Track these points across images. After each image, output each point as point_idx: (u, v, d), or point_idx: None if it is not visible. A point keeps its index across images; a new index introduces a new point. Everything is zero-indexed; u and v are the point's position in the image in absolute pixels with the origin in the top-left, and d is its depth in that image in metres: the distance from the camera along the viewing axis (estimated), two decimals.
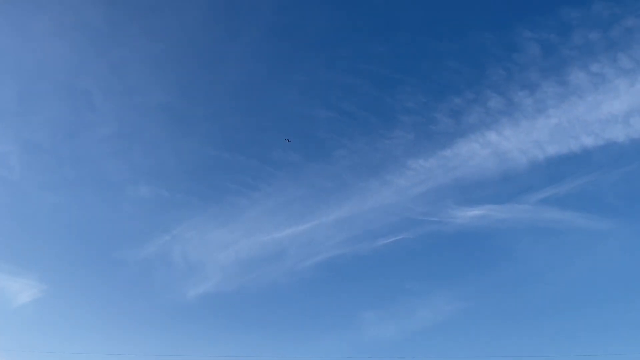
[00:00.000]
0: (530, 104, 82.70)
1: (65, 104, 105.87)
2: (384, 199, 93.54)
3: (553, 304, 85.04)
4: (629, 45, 67.56)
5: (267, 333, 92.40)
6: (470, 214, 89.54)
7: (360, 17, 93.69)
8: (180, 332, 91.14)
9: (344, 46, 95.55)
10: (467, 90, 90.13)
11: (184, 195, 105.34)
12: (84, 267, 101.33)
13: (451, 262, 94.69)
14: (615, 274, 77.85)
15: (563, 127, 79.59)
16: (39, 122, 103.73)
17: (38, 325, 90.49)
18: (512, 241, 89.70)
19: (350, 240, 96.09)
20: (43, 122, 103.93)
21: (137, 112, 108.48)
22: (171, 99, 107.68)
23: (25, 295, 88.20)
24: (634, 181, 75.14)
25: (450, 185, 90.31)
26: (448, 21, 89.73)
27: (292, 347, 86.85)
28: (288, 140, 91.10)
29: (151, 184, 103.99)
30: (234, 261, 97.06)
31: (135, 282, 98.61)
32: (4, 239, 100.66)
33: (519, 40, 78.88)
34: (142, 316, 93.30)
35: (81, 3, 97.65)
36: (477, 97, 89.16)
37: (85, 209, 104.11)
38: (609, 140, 78.43)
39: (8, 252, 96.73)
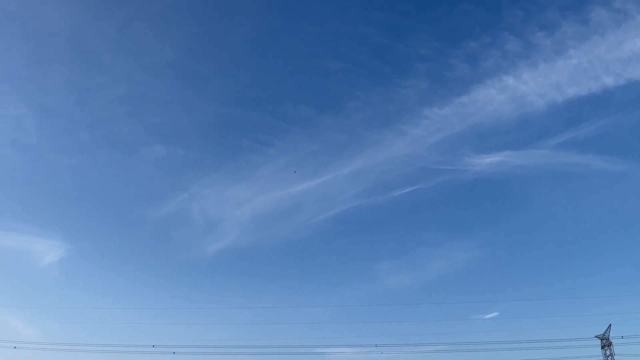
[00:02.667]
0: (549, 45, 79.94)
1: (75, 66, 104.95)
2: (399, 149, 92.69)
3: (571, 248, 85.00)
4: None
5: (286, 285, 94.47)
6: (487, 161, 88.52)
7: None
8: (200, 286, 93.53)
9: None
10: (483, 33, 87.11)
11: (198, 154, 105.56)
12: (105, 226, 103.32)
13: (467, 211, 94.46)
14: (636, 216, 76.99)
15: (583, 68, 77.19)
16: (50, 85, 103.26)
17: (64, 283, 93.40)
18: (530, 187, 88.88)
19: (365, 193, 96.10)
20: (55, 85, 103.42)
21: (147, 71, 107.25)
22: (181, 57, 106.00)
23: (51, 255, 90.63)
24: None
25: (466, 132, 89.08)
26: None
27: (309, 298, 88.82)
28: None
29: (165, 143, 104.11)
30: (251, 217, 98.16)
31: (155, 239, 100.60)
32: (27, 203, 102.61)
33: None
34: (163, 272, 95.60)
35: None
36: (493, 40, 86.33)
37: (102, 170, 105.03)
38: (630, 80, 75.79)
39: (32, 214, 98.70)
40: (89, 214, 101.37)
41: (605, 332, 57.60)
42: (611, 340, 56.84)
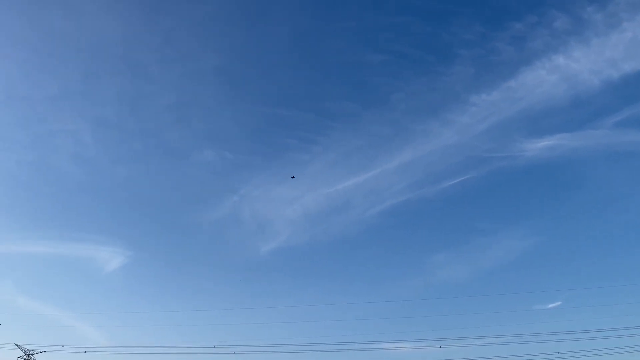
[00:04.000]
0: (600, 20, 75.97)
1: (125, 79, 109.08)
2: (447, 139, 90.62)
3: (636, 231, 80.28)
4: None
5: (339, 282, 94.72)
6: (539, 146, 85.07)
7: None
8: (256, 286, 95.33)
9: None
10: (529, 13, 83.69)
11: (246, 156, 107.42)
12: (162, 231, 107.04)
13: (522, 198, 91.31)
14: None
15: (639, 41, 72.53)
16: (103, 98, 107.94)
17: (127, 288, 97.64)
18: (587, 169, 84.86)
19: (415, 185, 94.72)
20: (107, 98, 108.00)
21: (192, 78, 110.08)
22: (223, 62, 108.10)
23: (114, 262, 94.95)
24: None
25: (516, 117, 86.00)
26: None
27: (364, 294, 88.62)
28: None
29: (214, 148, 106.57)
30: (301, 215, 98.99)
31: (210, 242, 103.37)
32: (89, 213, 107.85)
33: None
34: (219, 273, 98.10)
35: None
36: (540, 19, 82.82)
37: (156, 177, 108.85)
38: None
39: (94, 224, 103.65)
40: (146, 221, 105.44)
41: None
42: None
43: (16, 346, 63.61)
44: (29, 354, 63.98)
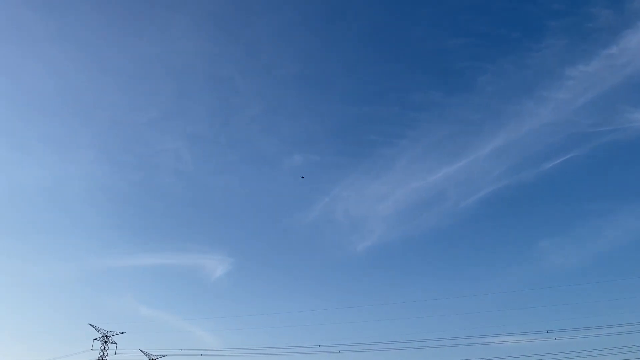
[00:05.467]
0: None
1: (214, 94, 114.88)
2: (543, 118, 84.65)
3: None
4: None
5: (439, 276, 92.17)
6: None
7: None
8: (355, 284, 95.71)
9: None
10: None
11: (333, 157, 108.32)
12: (260, 236, 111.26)
13: (636, 173, 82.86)
14: None
15: None
16: (197, 115, 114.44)
17: (233, 293, 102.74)
18: None
19: (512, 170, 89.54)
20: (200, 115, 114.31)
21: (276, 87, 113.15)
22: (304, 67, 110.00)
23: (219, 269, 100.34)
24: None
25: (621, 86, 78.29)
26: None
27: (466, 286, 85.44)
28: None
29: (302, 152, 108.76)
30: (394, 211, 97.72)
31: (306, 244, 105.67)
32: (193, 224, 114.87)
33: None
34: (319, 274, 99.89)
35: None
36: None
37: (250, 185, 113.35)
38: None
39: (199, 234, 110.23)
40: (245, 228, 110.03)
41: None
42: None
43: (141, 352, 69.52)
44: (152, 359, 69.56)
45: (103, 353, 66.03)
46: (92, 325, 67.06)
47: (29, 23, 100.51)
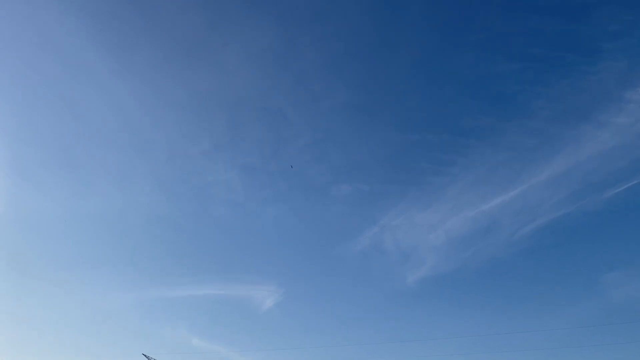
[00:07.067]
0: None
1: (265, 125, 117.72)
2: (603, 143, 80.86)
3: None
4: None
5: (496, 310, 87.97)
6: None
7: None
8: (407, 317, 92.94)
9: None
10: None
11: (382, 185, 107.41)
12: (310, 267, 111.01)
13: None
14: None
15: None
16: (248, 146, 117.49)
17: (283, 325, 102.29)
18: None
19: (572, 197, 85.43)
20: (252, 145, 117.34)
21: (325, 115, 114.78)
22: (353, 95, 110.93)
23: (269, 300, 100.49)
24: None
25: None
26: None
27: (525, 322, 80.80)
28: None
29: (350, 181, 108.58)
30: (446, 241, 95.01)
31: (356, 275, 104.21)
32: (244, 254, 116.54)
33: None
34: (368, 305, 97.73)
35: (257, 29, 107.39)
36: None
37: (300, 215, 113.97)
38: None
39: (249, 264, 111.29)
40: (294, 258, 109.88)
41: None
42: None
43: None
44: None
45: None
46: (145, 355, 68.34)
47: (95, 61, 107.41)
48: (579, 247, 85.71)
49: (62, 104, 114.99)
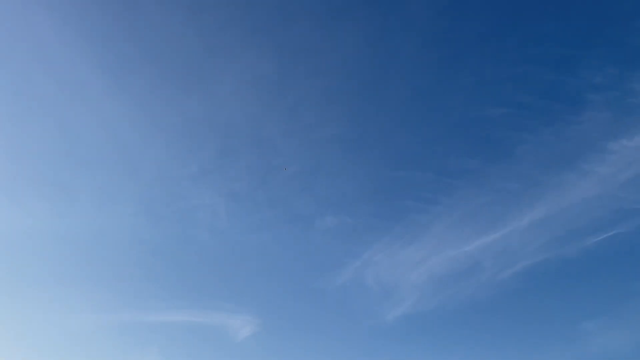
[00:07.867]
0: None
1: (254, 153, 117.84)
2: (585, 191, 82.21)
3: None
4: None
5: (474, 351, 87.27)
6: None
7: None
8: (383, 354, 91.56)
9: (509, 35, 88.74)
10: None
11: (366, 219, 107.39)
12: (289, 298, 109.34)
13: None
14: None
15: None
16: (236, 173, 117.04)
17: (259, 357, 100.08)
18: None
19: (553, 243, 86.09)
20: (239, 173, 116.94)
21: (314, 147, 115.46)
22: (343, 129, 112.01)
23: (245, 330, 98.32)
24: None
25: None
26: None
27: None
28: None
29: (335, 214, 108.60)
30: (427, 279, 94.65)
31: (335, 308, 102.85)
32: (222, 282, 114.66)
33: None
34: (346, 340, 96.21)
35: (252, 58, 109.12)
36: None
37: (283, 245, 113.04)
38: None
39: (227, 292, 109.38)
40: (273, 288, 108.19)
41: None
42: None
43: None
44: None
45: None
46: None
47: (88, 79, 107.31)
48: (558, 294, 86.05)
49: (52, 120, 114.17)
